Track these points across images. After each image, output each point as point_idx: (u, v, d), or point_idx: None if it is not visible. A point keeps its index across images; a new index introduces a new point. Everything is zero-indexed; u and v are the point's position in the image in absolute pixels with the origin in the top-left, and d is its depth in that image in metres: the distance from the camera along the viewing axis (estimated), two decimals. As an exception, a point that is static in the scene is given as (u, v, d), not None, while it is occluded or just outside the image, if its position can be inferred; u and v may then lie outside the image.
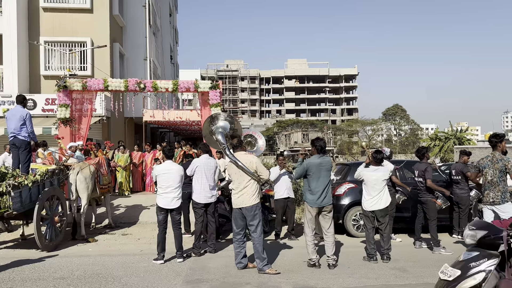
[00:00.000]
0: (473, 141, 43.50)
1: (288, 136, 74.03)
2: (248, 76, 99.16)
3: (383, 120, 76.54)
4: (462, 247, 8.07)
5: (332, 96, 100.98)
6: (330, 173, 6.86)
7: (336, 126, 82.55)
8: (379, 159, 7.27)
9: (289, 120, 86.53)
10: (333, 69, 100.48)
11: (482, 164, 6.94)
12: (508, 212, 6.69)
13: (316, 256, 6.69)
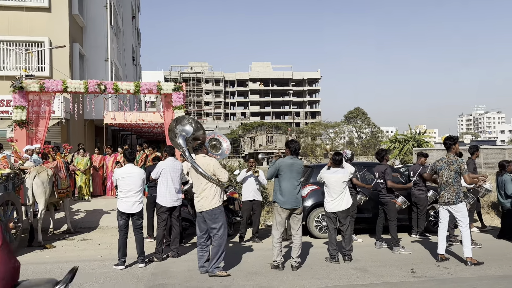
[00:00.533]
0: (430, 143, 45.06)
1: (253, 139, 74.22)
2: (213, 79, 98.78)
3: (345, 123, 78.03)
4: (420, 246, 8.33)
5: (296, 99, 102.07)
6: (301, 176, 6.90)
7: (300, 129, 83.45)
8: (338, 160, 7.40)
9: (254, 122, 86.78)
10: (297, 72, 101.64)
11: (438, 166, 7.19)
12: (462, 211, 6.96)
13: (280, 259, 6.73)
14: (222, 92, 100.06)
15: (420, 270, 6.57)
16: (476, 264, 6.74)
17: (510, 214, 8.91)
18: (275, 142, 71.95)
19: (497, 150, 27.97)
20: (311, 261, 7.28)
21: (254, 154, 61.32)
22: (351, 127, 78.50)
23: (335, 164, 7.39)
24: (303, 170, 7.00)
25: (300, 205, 6.78)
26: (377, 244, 8.35)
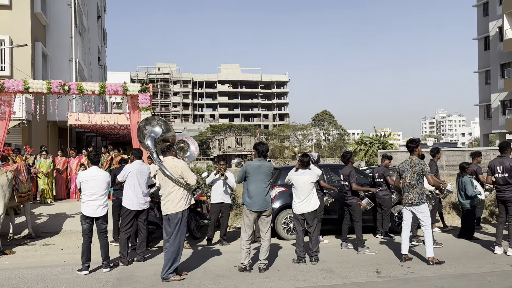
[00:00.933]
0: (395, 146, 46.09)
1: (221, 141, 74.02)
2: (181, 80, 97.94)
3: (313, 125, 78.88)
4: (385, 246, 8.52)
5: (265, 101, 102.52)
6: (269, 178, 6.91)
7: (268, 131, 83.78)
8: (305, 162, 7.49)
9: (223, 124, 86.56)
10: (265, 75, 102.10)
11: (402, 168, 7.37)
12: (424, 212, 7.16)
13: (248, 261, 6.72)
14: (190, 93, 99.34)
15: (384, 270, 6.70)
16: (438, 263, 6.94)
17: (470, 214, 9.23)
18: (244, 144, 72.02)
19: (458, 152, 28.88)
20: (278, 262, 7.32)
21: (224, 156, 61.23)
22: (318, 130, 79.42)
23: (303, 166, 7.47)
24: (272, 172, 7.02)
25: (268, 207, 6.80)
26: (343, 245, 8.48)
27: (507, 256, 7.42)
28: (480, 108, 38.66)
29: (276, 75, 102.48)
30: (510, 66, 34.14)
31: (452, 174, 12.85)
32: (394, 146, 45.43)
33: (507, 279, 6.09)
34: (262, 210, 6.73)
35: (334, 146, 70.87)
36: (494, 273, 6.42)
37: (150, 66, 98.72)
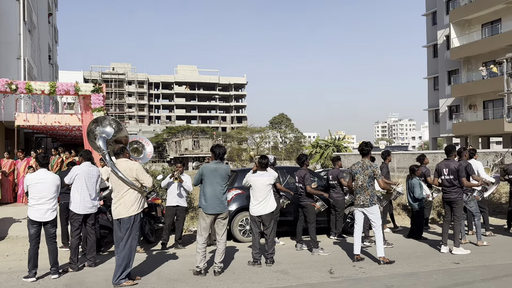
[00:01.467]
0: (349, 149, 47.25)
1: (178, 143, 73.14)
2: (136, 80, 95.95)
3: (270, 128, 79.57)
4: (338, 247, 8.70)
5: (223, 103, 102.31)
6: (226, 181, 6.88)
7: (226, 133, 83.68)
8: (264, 163, 7.55)
9: (180, 126, 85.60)
10: (223, 77, 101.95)
11: (354, 170, 7.56)
12: (375, 213, 7.38)
13: (203, 264, 6.67)
14: (146, 94, 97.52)
15: (337, 271, 6.85)
16: (388, 262, 7.17)
17: (419, 215, 9.59)
18: (201, 147, 71.50)
19: (408, 155, 29.99)
20: (234, 265, 7.31)
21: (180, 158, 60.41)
22: (275, 132, 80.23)
23: (261, 167, 7.53)
24: (229, 175, 7.00)
25: (225, 210, 6.79)
26: (297, 247, 8.59)
27: (452, 254, 7.77)
28: (429, 113, 40.33)
29: (234, 78, 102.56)
30: (456, 73, 35.84)
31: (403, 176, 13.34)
32: (348, 149, 46.58)
33: (452, 277, 6.37)
34: (218, 213, 6.71)
35: (291, 149, 71.75)
36: (440, 271, 6.70)
37: (104, 66, 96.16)
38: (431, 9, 39.14)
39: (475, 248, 8.30)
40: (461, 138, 36.45)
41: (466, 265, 7.04)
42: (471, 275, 6.45)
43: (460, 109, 35.64)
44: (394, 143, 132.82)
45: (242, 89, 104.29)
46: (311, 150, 45.42)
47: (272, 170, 8.32)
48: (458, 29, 34.95)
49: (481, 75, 32.08)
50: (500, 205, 13.02)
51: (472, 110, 34.52)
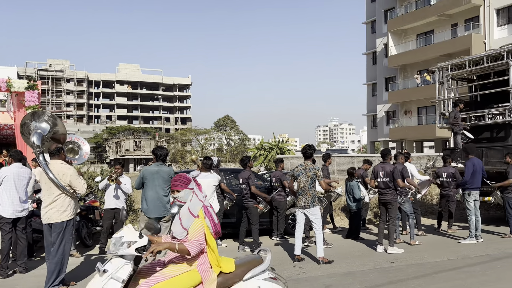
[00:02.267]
0: (292, 151, 48.10)
1: (119, 144, 71.01)
2: (75, 78, 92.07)
3: (215, 130, 79.32)
4: (280, 248, 8.82)
5: (166, 104, 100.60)
6: (169, 183, 6.75)
7: (170, 135, 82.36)
8: (208, 164, 7.52)
9: (121, 126, 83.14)
10: (167, 77, 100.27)
11: (297, 172, 7.71)
12: (316, 214, 7.56)
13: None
14: (85, 93, 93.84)
15: (278, 271, 6.89)
16: (327, 262, 7.37)
17: (357, 216, 9.95)
18: (143, 148, 69.87)
19: (348, 158, 31.05)
20: (175, 268, 7.19)
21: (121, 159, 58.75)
22: (220, 134, 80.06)
23: (206, 168, 7.48)
24: (171, 177, 6.88)
25: (167, 213, 6.67)
26: (240, 248, 8.61)
27: (387, 254, 8.12)
28: (368, 118, 41.97)
29: (179, 78, 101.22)
30: (393, 80, 37.60)
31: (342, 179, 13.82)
32: (291, 151, 47.41)
33: (387, 275, 6.66)
34: (160, 216, 6.58)
35: (236, 151, 71.96)
36: (375, 270, 6.98)
37: (40, 62, 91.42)
38: (370, 18, 40.80)
39: (408, 247, 8.72)
40: (397, 142, 38.25)
41: (399, 264, 7.38)
42: (404, 273, 6.78)
43: (396, 114, 37.41)
44: (335, 146, 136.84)
45: (186, 90, 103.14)
46: (256, 152, 45.77)
47: (214, 173, 8.30)
48: (395, 38, 36.70)
49: (416, 82, 33.89)
50: (431, 206, 13.79)
51: (408, 115, 36.35)
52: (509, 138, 11.18)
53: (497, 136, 11.60)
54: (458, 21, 32.18)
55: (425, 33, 34.90)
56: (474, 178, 9.23)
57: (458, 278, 6.41)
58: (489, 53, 11.65)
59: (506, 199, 9.56)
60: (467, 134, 11.77)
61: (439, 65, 12.92)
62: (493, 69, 11.55)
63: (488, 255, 7.90)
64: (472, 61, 11.94)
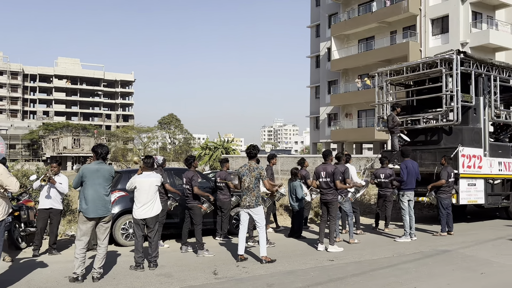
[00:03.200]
0: (237, 151, 48.18)
1: (56, 141, 67.82)
2: (9, 71, 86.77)
3: (159, 128, 77.78)
4: (223, 248, 8.81)
5: (108, 100, 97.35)
6: (109, 182, 6.53)
7: (111, 132, 79.79)
8: (149, 163, 7.35)
9: (58, 123, 79.47)
10: (109, 73, 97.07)
11: (241, 172, 7.73)
12: (260, 214, 7.62)
13: (81, 270, 6.26)
14: (20, 86, 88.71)
15: (221, 271, 6.92)
16: (270, 261, 7.44)
17: (299, 215, 10.14)
18: (82, 145, 67.20)
19: (291, 158, 31.58)
20: (115, 270, 6.99)
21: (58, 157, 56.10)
22: (164, 133, 78.61)
23: (147, 167, 7.32)
24: (112, 176, 6.67)
25: (108, 213, 6.46)
26: (183, 249, 8.51)
27: (328, 252, 8.35)
28: (311, 120, 42.96)
29: (121, 74, 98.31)
30: (336, 84, 38.73)
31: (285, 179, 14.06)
32: (236, 151, 47.46)
33: (327, 273, 6.84)
34: (101, 216, 6.36)
35: (180, 150, 70.95)
36: (316, 268, 7.15)
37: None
38: (315, 22, 41.79)
39: (347, 245, 9.01)
40: (338, 143, 39.44)
41: (339, 262, 7.61)
42: (343, 271, 7.00)
43: (338, 117, 38.57)
44: (279, 147, 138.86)
45: (129, 87, 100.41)
46: (201, 151, 45.36)
47: (157, 173, 8.13)
48: (338, 43, 37.82)
49: (357, 86, 35.15)
50: (369, 206, 14.36)
51: (348, 118, 37.59)
52: (442, 142, 11.88)
53: (431, 139, 12.30)
54: (397, 29, 33.73)
55: (366, 39, 36.24)
56: (408, 179, 9.71)
57: (393, 275, 6.71)
58: (425, 60, 12.31)
59: (439, 199, 10.14)
60: (404, 137, 12.38)
61: (378, 70, 13.48)
62: (428, 75, 12.22)
63: (421, 253, 8.34)
64: (409, 67, 12.56)
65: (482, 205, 11.69)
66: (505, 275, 6.77)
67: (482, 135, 11.78)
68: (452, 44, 28.52)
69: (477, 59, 11.91)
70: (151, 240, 7.21)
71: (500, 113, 12.38)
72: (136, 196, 7.19)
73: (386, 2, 33.29)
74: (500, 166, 12.03)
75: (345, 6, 37.39)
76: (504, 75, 12.46)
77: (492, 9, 30.92)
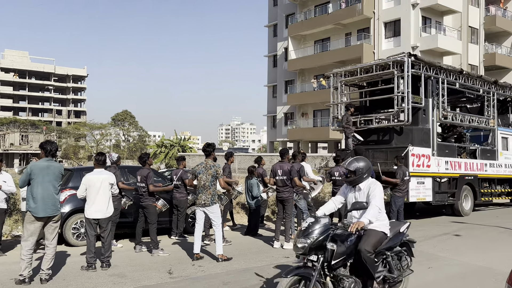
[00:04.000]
0: (194, 149, 47.80)
1: (2, 137, 64.57)
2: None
3: (112, 125, 75.82)
4: (179, 247, 8.71)
5: (58, 96, 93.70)
6: (59, 180, 6.30)
7: (61, 128, 76.99)
8: (101, 160, 7.16)
9: (5, 118, 75.75)
10: (60, 67, 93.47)
11: (197, 170, 7.67)
12: (216, 212, 7.59)
13: (28, 272, 6.01)
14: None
15: (176, 271, 6.84)
16: (226, 260, 7.44)
17: (256, 213, 10.20)
18: (30, 142, 64.32)
19: (248, 157, 31.70)
20: (65, 271, 6.75)
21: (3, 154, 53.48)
22: (118, 130, 76.71)
23: (99, 164, 7.12)
24: (62, 174, 6.44)
25: (57, 213, 6.23)
26: (136, 248, 8.34)
27: (284, 249, 8.44)
28: (268, 118, 43.24)
29: (73, 69, 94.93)
30: (292, 84, 39.17)
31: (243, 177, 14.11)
32: (193, 149, 47.07)
33: (282, 270, 6.91)
34: (50, 215, 6.12)
35: (134, 148, 69.53)
36: (272, 265, 7.21)
37: None
38: (273, 22, 42.04)
39: (302, 242, 9.13)
40: (294, 142, 39.95)
41: (294, 259, 7.70)
42: (298, 267, 7.09)
43: (294, 116, 39.06)
44: (236, 145, 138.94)
45: (82, 82, 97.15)
46: (156, 149, 44.63)
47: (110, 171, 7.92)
48: (295, 43, 38.27)
49: (313, 86, 35.70)
50: (324, 204, 14.61)
51: (304, 118, 38.15)
52: (393, 141, 12.30)
53: (383, 139, 12.70)
54: (352, 31, 34.55)
55: (322, 40, 36.89)
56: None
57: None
58: (378, 62, 12.69)
59: (393, 197, 10.47)
60: (357, 136, 12.71)
61: (334, 71, 13.77)
62: (381, 77, 12.61)
63: (372, 248, 8.58)
64: (363, 69, 12.92)
65: (430, 202, 12.21)
66: (451, 268, 7.10)
67: (431, 135, 12.30)
68: (404, 47, 29.57)
69: (426, 62, 12.41)
70: (104, 240, 7.02)
71: (447, 114, 12.96)
72: (87, 194, 6.97)
73: (342, 4, 34.01)
74: (447, 165, 12.61)
75: (302, 6, 37.88)
76: (451, 78, 13.06)
77: (440, 15, 32.28)
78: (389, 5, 32.34)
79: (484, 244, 9.04)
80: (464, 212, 13.12)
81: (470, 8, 33.13)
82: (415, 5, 30.79)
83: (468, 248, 8.69)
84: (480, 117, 14.22)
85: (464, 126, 14.11)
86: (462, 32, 32.69)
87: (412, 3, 30.72)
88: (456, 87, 13.31)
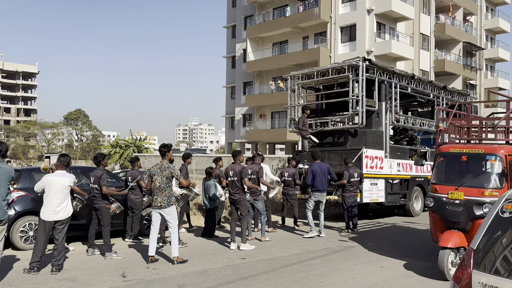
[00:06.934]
0: (150, 150, 46.92)
1: None
2: None
3: (65, 124, 73.26)
4: (133, 250, 8.53)
5: (7, 93, 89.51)
6: (9, 183, 6.01)
7: (10, 127, 73.56)
8: (66, 162, 6.97)
9: None
10: (9, 63, 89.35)
11: (152, 171, 7.54)
12: (172, 214, 7.50)
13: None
14: None
15: (130, 274, 6.70)
16: (181, 262, 7.35)
17: (212, 215, 10.15)
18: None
19: (206, 157, 31.48)
20: (12, 276, 6.46)
21: None
22: (71, 129, 74.19)
23: (63, 166, 6.89)
24: (12, 176, 6.17)
25: (5, 217, 5.96)
26: (89, 251, 8.10)
27: (240, 250, 8.46)
28: (226, 119, 43.18)
29: (24, 65, 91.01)
30: (251, 85, 39.31)
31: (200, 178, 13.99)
32: (149, 150, 46.19)
33: (238, 271, 6.92)
34: None
35: (88, 148, 67.42)
36: (228, 267, 7.20)
37: None
38: (231, 23, 42.03)
39: (259, 243, 9.20)
40: (252, 143, 40.08)
41: (251, 260, 7.74)
42: (255, 268, 7.13)
43: (253, 117, 39.20)
44: (194, 146, 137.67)
45: (32, 79, 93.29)
46: (111, 150, 43.43)
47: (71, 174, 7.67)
48: (253, 45, 38.42)
49: (271, 88, 35.98)
50: (279, 205, 14.75)
51: (262, 119, 38.37)
52: (348, 143, 12.60)
53: (338, 141, 12.98)
54: (309, 35, 35.09)
55: (280, 42, 37.23)
56: (315, 181, 10.09)
57: (302, 271, 6.98)
58: (334, 66, 12.97)
59: (343, 198, 10.73)
60: (313, 138, 12.94)
61: (291, 74, 13.95)
62: (336, 80, 12.89)
63: (327, 249, 8.77)
64: (319, 72, 13.15)
65: (383, 203, 12.60)
66: (401, 267, 7.35)
67: (384, 138, 12.70)
68: (359, 51, 30.34)
69: (380, 66, 12.81)
70: (58, 242, 6.77)
71: (399, 117, 13.43)
72: (45, 195, 6.73)
73: (299, 8, 34.48)
74: (399, 167, 13.04)
75: (261, 9, 38.09)
76: (403, 83, 13.54)
77: (394, 21, 33.39)
78: (345, 10, 33.10)
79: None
80: (415, 213, 13.62)
81: (422, 16, 34.47)
82: (370, 11, 31.68)
83: (417, 247, 9.04)
84: (431, 120, 14.83)
85: (415, 129, 14.66)
86: (414, 39, 33.96)
87: (367, 9, 31.59)
88: (408, 92, 13.81)
